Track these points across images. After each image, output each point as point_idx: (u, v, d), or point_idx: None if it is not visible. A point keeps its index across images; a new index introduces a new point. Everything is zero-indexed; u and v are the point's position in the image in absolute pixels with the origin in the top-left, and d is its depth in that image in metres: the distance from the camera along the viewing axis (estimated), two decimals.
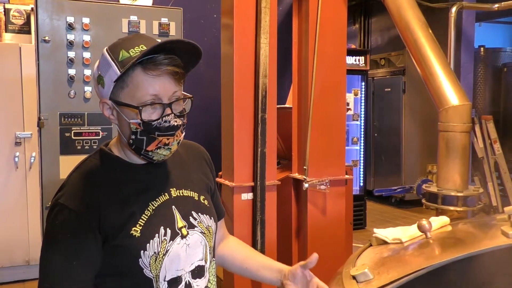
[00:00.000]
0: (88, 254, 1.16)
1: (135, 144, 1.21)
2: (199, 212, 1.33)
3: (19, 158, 4.14)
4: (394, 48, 7.51)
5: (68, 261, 1.15)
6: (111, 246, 1.18)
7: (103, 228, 1.17)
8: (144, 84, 1.17)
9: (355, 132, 6.36)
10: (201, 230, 1.31)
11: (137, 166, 1.28)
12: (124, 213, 1.20)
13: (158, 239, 1.21)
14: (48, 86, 2.33)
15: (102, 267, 1.19)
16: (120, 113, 1.21)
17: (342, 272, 1.50)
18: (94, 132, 2.40)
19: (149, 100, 1.18)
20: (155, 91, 1.18)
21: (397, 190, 5.37)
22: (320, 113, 2.91)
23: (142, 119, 1.18)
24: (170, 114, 1.21)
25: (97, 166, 1.26)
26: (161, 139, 1.21)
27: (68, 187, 1.21)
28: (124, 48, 1.20)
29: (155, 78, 1.18)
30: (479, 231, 1.89)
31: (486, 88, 7.01)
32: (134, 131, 1.20)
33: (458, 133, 2.64)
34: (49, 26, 2.31)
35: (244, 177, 2.76)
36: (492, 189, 6.24)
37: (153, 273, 1.20)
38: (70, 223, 1.16)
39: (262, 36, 2.71)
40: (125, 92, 1.19)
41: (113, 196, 1.20)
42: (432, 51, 2.74)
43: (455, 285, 1.56)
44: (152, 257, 1.19)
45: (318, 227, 2.92)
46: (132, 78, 1.18)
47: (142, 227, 1.20)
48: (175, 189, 1.31)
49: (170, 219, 1.25)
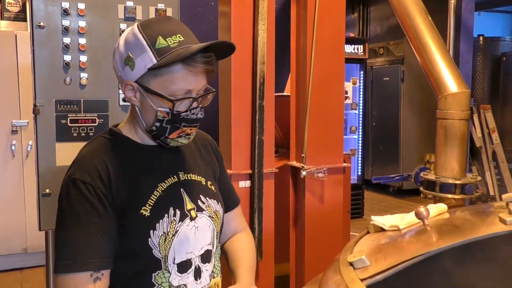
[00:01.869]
0: (108, 228, 1.17)
1: (158, 131, 1.23)
2: (207, 196, 1.34)
3: (15, 146, 4.13)
4: (393, 37, 7.49)
5: (90, 235, 1.14)
6: (120, 225, 1.18)
7: (115, 204, 1.18)
8: (182, 80, 1.19)
9: (353, 121, 6.36)
10: (209, 214, 1.32)
11: (147, 148, 1.29)
12: (133, 192, 1.20)
13: (168, 219, 1.22)
14: (43, 73, 2.30)
15: None
16: (146, 98, 1.21)
17: (339, 259, 1.49)
18: (91, 119, 2.38)
19: (183, 93, 1.20)
20: (190, 86, 1.20)
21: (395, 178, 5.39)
22: (318, 101, 2.90)
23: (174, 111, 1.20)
24: (197, 107, 1.24)
25: (106, 144, 1.26)
26: (185, 129, 1.24)
27: (79, 164, 1.22)
28: (162, 35, 1.18)
29: (193, 74, 1.19)
30: (476, 218, 1.89)
31: (485, 77, 7.00)
32: (160, 119, 1.21)
33: (456, 120, 2.63)
34: (43, 12, 2.29)
35: (242, 164, 2.76)
36: (489, 179, 6.26)
37: (162, 253, 1.20)
38: (89, 196, 1.16)
39: (260, 23, 2.69)
40: (158, 81, 1.19)
41: (122, 174, 1.21)
42: (431, 38, 2.72)
43: (452, 272, 1.56)
44: (162, 237, 1.20)
45: (315, 215, 2.92)
46: (170, 70, 1.18)
47: (151, 207, 1.21)
48: (183, 172, 1.32)
49: (179, 200, 1.27)
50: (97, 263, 1.13)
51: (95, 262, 1.13)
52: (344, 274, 1.36)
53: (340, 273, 1.38)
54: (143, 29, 1.20)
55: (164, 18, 1.27)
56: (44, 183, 2.32)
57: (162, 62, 1.16)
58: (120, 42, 1.24)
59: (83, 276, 1.12)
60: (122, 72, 1.23)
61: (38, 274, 4.11)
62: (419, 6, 2.85)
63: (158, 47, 1.17)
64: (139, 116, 1.26)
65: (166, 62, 1.16)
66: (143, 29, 1.20)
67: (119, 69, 1.24)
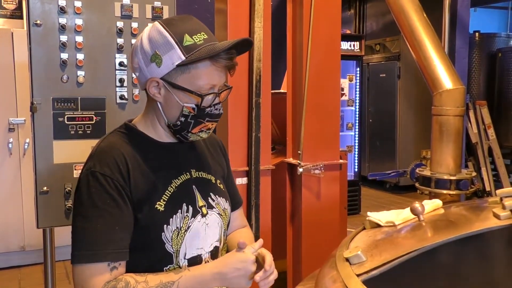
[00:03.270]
0: (125, 220, 1.19)
1: (182, 126, 1.27)
2: (216, 194, 1.38)
3: (12, 144, 4.12)
4: (389, 33, 7.49)
5: (109, 226, 1.17)
6: (136, 218, 1.21)
7: (132, 197, 1.21)
8: (208, 76, 1.24)
9: (350, 117, 6.37)
10: (218, 212, 1.36)
11: (161, 144, 1.32)
12: (149, 187, 1.23)
13: (181, 215, 1.25)
14: (40, 71, 2.30)
15: None
16: (172, 94, 1.24)
17: (335, 254, 1.51)
18: (88, 116, 2.38)
19: (209, 89, 1.25)
20: (215, 82, 1.26)
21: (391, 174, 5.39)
22: (314, 98, 2.91)
23: (201, 105, 1.24)
24: (219, 103, 1.29)
25: (122, 138, 1.29)
26: (207, 124, 1.29)
27: (97, 157, 1.24)
28: (188, 33, 1.23)
29: (218, 71, 1.25)
30: (471, 214, 1.91)
31: (481, 73, 7.01)
32: (186, 114, 1.25)
33: (451, 117, 2.65)
34: (40, 10, 2.29)
35: (239, 161, 2.77)
36: (485, 174, 6.29)
37: (174, 248, 1.24)
38: (108, 188, 1.18)
39: (256, 20, 2.70)
40: (185, 77, 1.23)
41: (139, 168, 1.24)
42: (427, 35, 2.74)
43: (447, 266, 1.58)
44: (175, 232, 1.23)
45: (312, 211, 2.94)
46: (197, 67, 1.23)
47: (166, 202, 1.24)
48: (195, 170, 1.35)
49: (191, 197, 1.30)
50: (115, 254, 1.16)
51: (113, 253, 1.16)
52: (340, 270, 1.37)
53: (336, 269, 1.40)
54: (168, 27, 1.24)
55: (185, 17, 1.30)
56: (41, 181, 2.32)
57: (191, 59, 1.21)
58: (143, 40, 1.27)
59: (100, 266, 1.15)
60: (146, 69, 1.26)
61: (36, 272, 4.11)
62: (414, 4, 2.86)
63: (185, 45, 1.21)
64: (161, 112, 1.29)
65: (196, 59, 1.20)
66: (168, 27, 1.25)
67: (142, 67, 1.27)
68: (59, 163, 2.33)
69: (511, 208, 1.59)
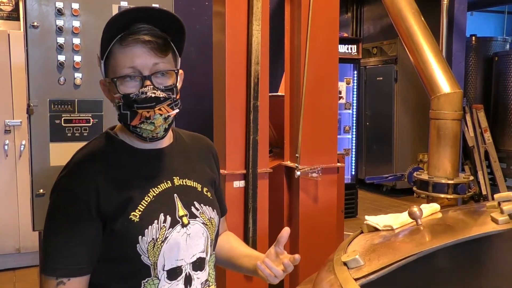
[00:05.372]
0: (88, 236, 1.16)
1: (122, 119, 1.21)
2: (201, 203, 1.31)
3: (8, 146, 4.11)
4: (386, 37, 7.51)
5: (68, 242, 1.14)
6: (110, 230, 1.17)
7: (102, 211, 1.16)
8: (121, 56, 1.16)
9: (347, 120, 6.37)
10: (203, 221, 1.29)
11: (141, 152, 1.26)
12: (123, 197, 1.19)
13: (157, 225, 1.20)
14: (37, 73, 2.29)
15: (101, 252, 1.18)
16: (110, 90, 1.21)
17: (333, 258, 1.50)
18: (85, 119, 2.37)
19: (127, 72, 1.17)
20: (133, 63, 1.16)
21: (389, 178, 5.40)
22: (312, 101, 2.91)
23: (120, 92, 1.17)
24: (148, 86, 1.17)
25: (100, 148, 1.25)
26: (141, 112, 1.18)
27: (69, 168, 1.21)
28: None
29: (130, 49, 1.16)
30: (468, 218, 1.91)
31: (477, 77, 7.04)
32: (118, 105, 1.19)
33: (449, 120, 2.65)
34: (37, 12, 2.28)
35: (236, 164, 2.76)
36: (482, 178, 6.30)
37: (151, 260, 1.19)
38: (70, 204, 1.16)
39: (254, 23, 2.69)
40: (109, 67, 1.19)
41: (114, 179, 1.20)
42: (424, 38, 2.74)
43: (445, 271, 1.58)
44: (150, 243, 1.18)
45: (309, 215, 2.93)
46: (112, 52, 1.17)
47: (141, 213, 1.19)
48: (179, 177, 1.29)
49: (170, 206, 1.24)
50: (64, 270, 1.14)
51: (62, 269, 1.14)
52: (338, 274, 1.37)
53: (334, 273, 1.39)
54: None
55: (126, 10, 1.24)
56: (38, 183, 2.31)
57: (104, 46, 1.17)
58: None
59: (50, 279, 1.15)
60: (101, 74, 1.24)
61: (31, 274, 4.09)
62: (412, 7, 2.87)
63: None
64: None
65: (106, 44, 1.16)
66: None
67: None
68: (55, 166, 2.32)
69: (509, 213, 1.58)
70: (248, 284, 2.81)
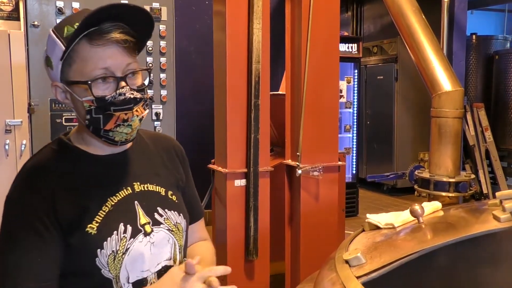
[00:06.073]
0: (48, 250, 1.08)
1: (92, 124, 1.13)
2: (166, 208, 1.24)
3: (9, 146, 4.10)
4: (386, 36, 7.50)
5: (29, 259, 1.06)
6: (67, 244, 1.10)
7: (58, 224, 1.09)
8: (92, 57, 1.09)
9: (347, 119, 6.36)
10: (168, 227, 1.22)
11: (98, 158, 1.19)
12: (79, 209, 1.11)
13: (117, 237, 1.13)
14: (38, 72, 2.30)
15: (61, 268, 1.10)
16: (72, 93, 1.13)
17: (334, 257, 1.50)
18: None
19: (100, 74, 1.10)
20: (105, 64, 1.10)
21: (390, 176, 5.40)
22: (313, 100, 2.90)
23: (94, 94, 1.10)
24: (124, 87, 1.11)
25: (52, 156, 1.17)
26: (119, 115, 1.11)
27: (21, 180, 1.13)
28: (69, 24, 1.12)
29: (102, 49, 1.10)
30: (470, 216, 1.91)
31: (478, 76, 7.03)
32: (88, 110, 1.11)
33: (450, 119, 2.65)
34: (38, 11, 2.28)
35: (237, 163, 2.76)
36: (483, 177, 6.29)
37: (113, 273, 1.12)
38: (26, 217, 1.08)
39: (254, 22, 2.69)
40: (74, 69, 1.11)
41: (68, 189, 1.12)
42: (425, 36, 2.74)
43: (447, 269, 1.57)
44: (110, 256, 1.11)
45: (311, 213, 2.93)
46: (78, 52, 1.10)
47: (99, 224, 1.12)
48: (139, 183, 1.22)
49: (131, 215, 1.18)
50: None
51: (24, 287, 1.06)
52: (339, 272, 1.37)
53: (335, 271, 1.39)
54: (55, 27, 1.15)
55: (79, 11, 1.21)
56: None
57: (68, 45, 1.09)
58: None
59: None
60: (49, 76, 1.17)
61: None
62: (413, 5, 2.87)
63: (66, 36, 1.10)
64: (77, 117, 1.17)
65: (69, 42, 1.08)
66: (55, 27, 1.15)
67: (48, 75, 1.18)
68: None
69: (511, 210, 1.58)
70: (249, 283, 2.81)
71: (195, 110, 4.87)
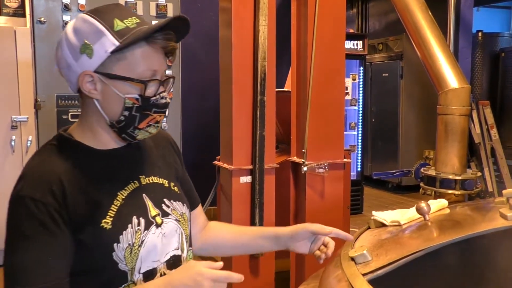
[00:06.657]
0: (61, 248, 1.07)
1: (127, 121, 1.14)
2: (171, 199, 1.26)
3: (15, 142, 4.12)
4: (391, 33, 7.47)
5: (42, 257, 1.05)
6: (79, 240, 1.09)
7: (71, 220, 1.09)
8: (148, 60, 1.13)
9: (353, 117, 6.35)
10: (175, 218, 1.25)
11: (102, 153, 1.19)
12: (90, 204, 1.11)
13: (132, 230, 1.14)
14: (44, 68, 2.31)
15: (72, 264, 1.10)
16: (111, 87, 1.13)
17: (340, 254, 1.50)
18: None
19: (149, 76, 1.14)
20: (156, 67, 1.15)
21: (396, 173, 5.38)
22: (319, 97, 2.90)
23: (146, 94, 1.13)
24: (164, 91, 1.18)
25: (56, 153, 1.15)
26: (155, 116, 1.17)
27: (28, 178, 1.11)
28: (117, 18, 1.12)
29: (156, 54, 1.15)
30: (477, 214, 1.90)
31: (484, 73, 6.99)
32: (129, 107, 1.13)
33: (457, 116, 2.63)
34: (44, 7, 2.29)
35: (243, 160, 2.76)
36: (488, 175, 6.26)
37: (129, 266, 1.13)
38: (39, 214, 1.06)
39: (260, 18, 2.69)
40: (122, 65, 1.12)
41: (78, 185, 1.11)
42: (432, 33, 2.73)
43: (453, 267, 1.57)
44: (127, 249, 1.12)
45: (316, 210, 2.93)
46: (134, 51, 1.12)
47: (113, 218, 1.12)
48: (144, 176, 1.24)
49: (142, 208, 1.19)
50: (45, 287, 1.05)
51: (43, 287, 1.04)
52: (345, 269, 1.37)
53: (341, 268, 1.39)
54: (95, 15, 1.14)
55: (112, 5, 1.19)
56: None
57: (126, 42, 1.10)
58: (67, 33, 1.15)
59: None
60: (76, 64, 1.13)
61: None
62: (420, 1, 2.85)
63: (117, 30, 1.11)
64: (100, 111, 1.16)
65: (131, 41, 1.10)
66: (95, 15, 1.14)
67: (70, 63, 1.14)
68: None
69: None
70: (254, 280, 2.81)
71: (201, 106, 4.87)
